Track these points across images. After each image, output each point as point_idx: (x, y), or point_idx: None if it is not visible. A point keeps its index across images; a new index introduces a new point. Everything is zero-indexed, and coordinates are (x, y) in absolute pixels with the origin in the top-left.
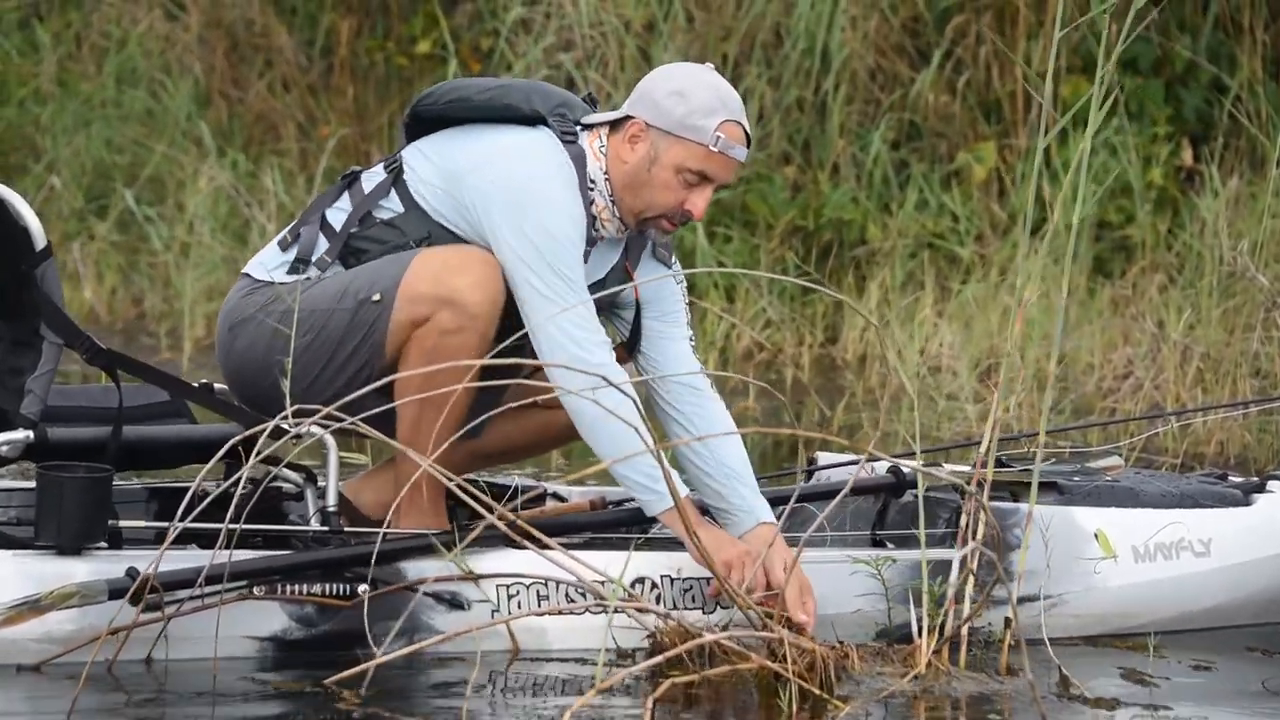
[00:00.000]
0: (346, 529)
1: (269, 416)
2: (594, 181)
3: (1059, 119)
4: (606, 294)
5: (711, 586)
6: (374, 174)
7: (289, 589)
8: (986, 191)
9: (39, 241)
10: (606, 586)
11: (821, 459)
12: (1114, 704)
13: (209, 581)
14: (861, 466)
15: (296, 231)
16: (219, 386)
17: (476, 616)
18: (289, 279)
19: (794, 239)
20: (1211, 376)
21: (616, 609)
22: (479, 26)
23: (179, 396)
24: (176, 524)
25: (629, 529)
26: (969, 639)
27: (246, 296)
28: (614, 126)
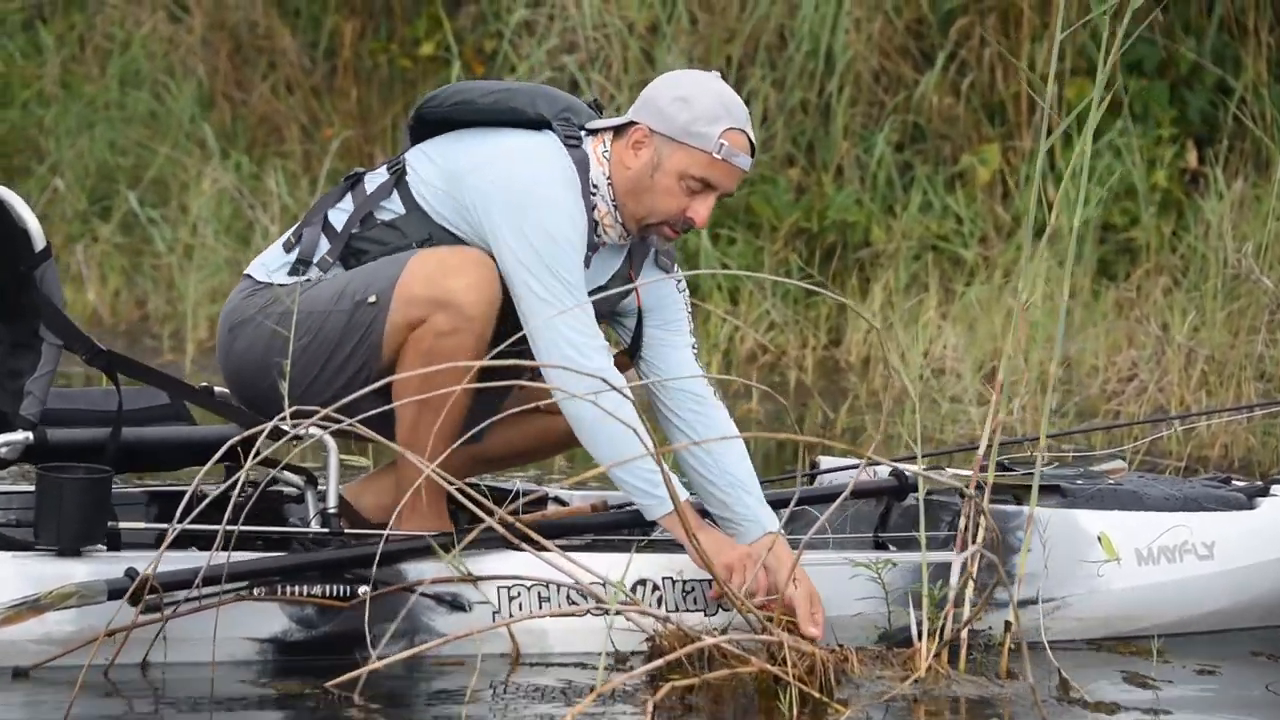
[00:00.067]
0: (346, 531)
1: (268, 418)
2: (596, 186)
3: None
4: (607, 295)
5: (713, 590)
6: (377, 175)
7: (288, 591)
8: (990, 194)
9: (38, 242)
10: (606, 589)
11: (823, 463)
12: (1114, 708)
13: (209, 583)
14: (861, 470)
15: (299, 232)
16: (219, 389)
17: (477, 619)
18: (289, 280)
19: (798, 241)
20: (1216, 379)
21: (615, 612)
22: (482, 28)
23: (179, 398)
24: (175, 525)
25: (631, 531)
26: (970, 642)
27: (247, 298)
28: (618, 132)
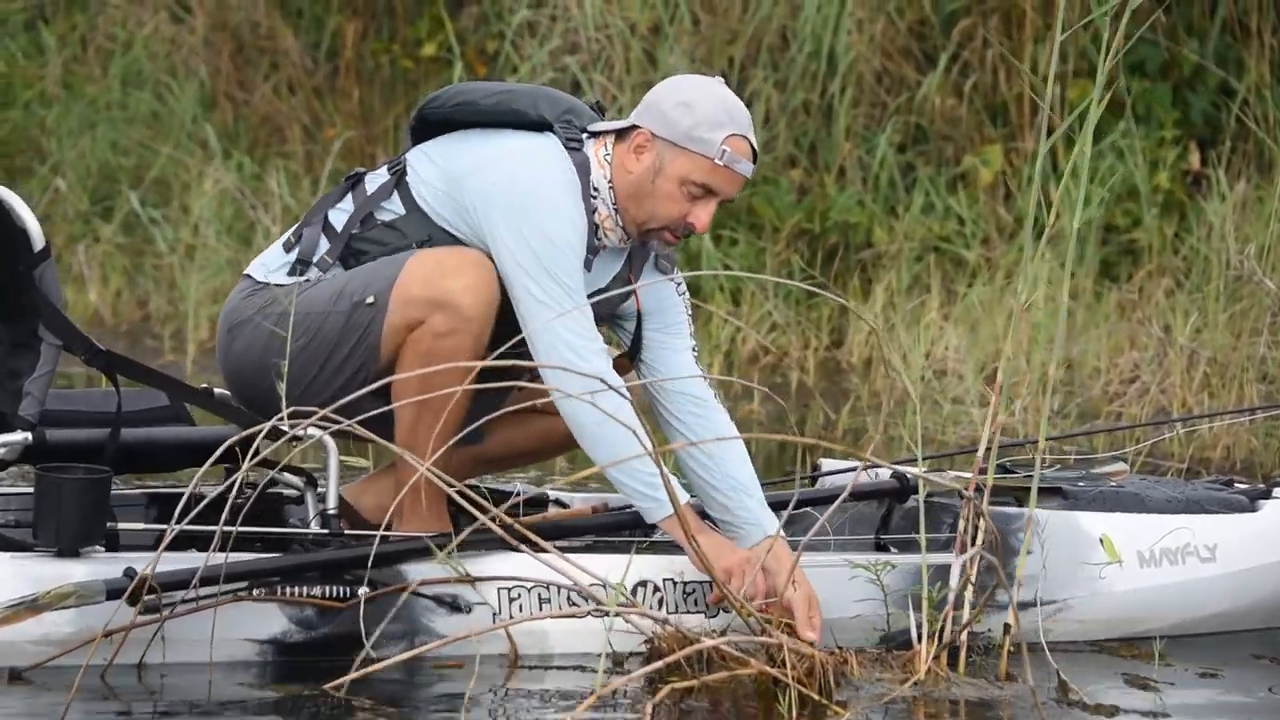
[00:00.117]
0: (346, 532)
1: (267, 419)
2: (597, 190)
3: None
4: (607, 297)
5: (713, 594)
6: (378, 175)
7: (286, 592)
8: (993, 195)
9: (37, 242)
10: (606, 591)
11: (825, 466)
12: (1114, 710)
13: (207, 584)
14: (860, 472)
15: (300, 232)
16: (219, 390)
17: (477, 620)
18: (289, 280)
19: (800, 242)
20: (1218, 381)
21: (615, 614)
22: (484, 29)
23: (178, 399)
24: (173, 526)
25: (631, 533)
26: (970, 644)
27: (246, 298)
28: (620, 135)
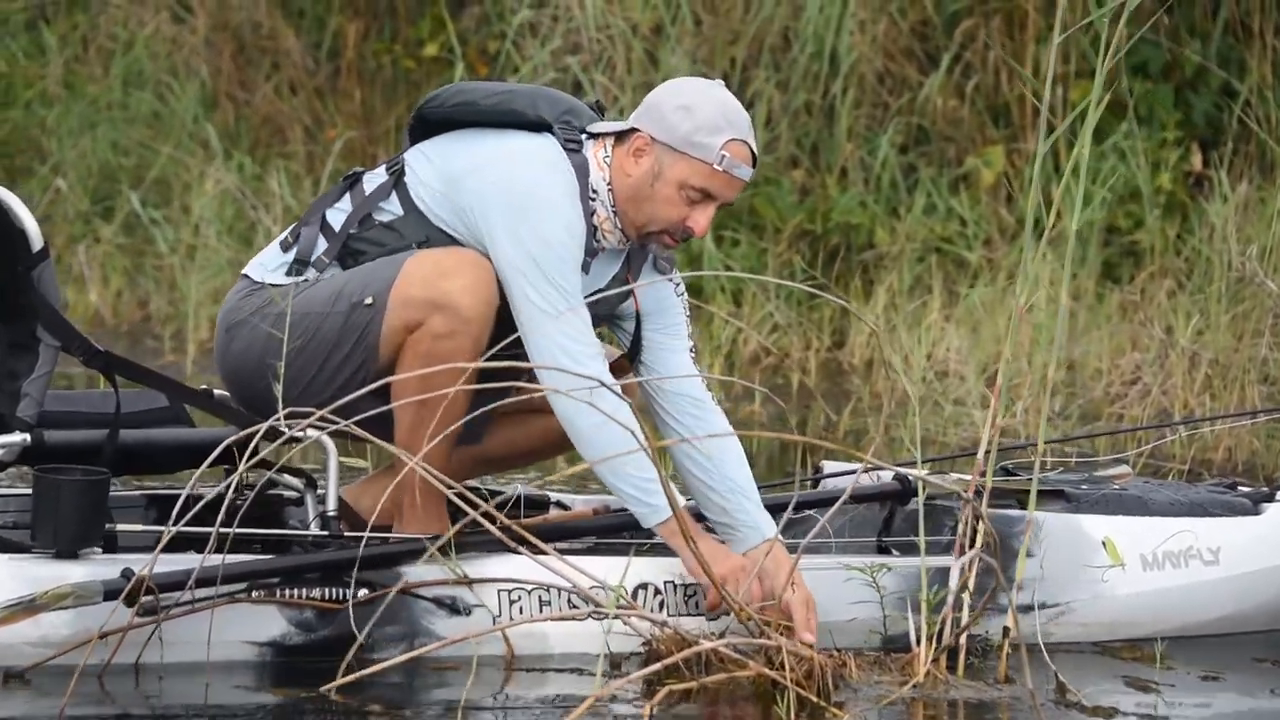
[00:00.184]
0: (346, 534)
1: (266, 420)
2: (596, 192)
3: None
4: (605, 297)
5: (710, 599)
6: (376, 175)
7: (282, 593)
8: (995, 196)
9: (36, 243)
10: (605, 593)
11: (827, 468)
12: (1112, 712)
13: (204, 585)
14: (859, 474)
15: (297, 232)
16: (219, 392)
17: (476, 623)
18: (286, 280)
19: (802, 243)
20: (1220, 383)
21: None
22: (486, 29)
23: (177, 400)
24: (170, 527)
25: (632, 535)
26: (969, 647)
27: (244, 298)
28: (619, 137)
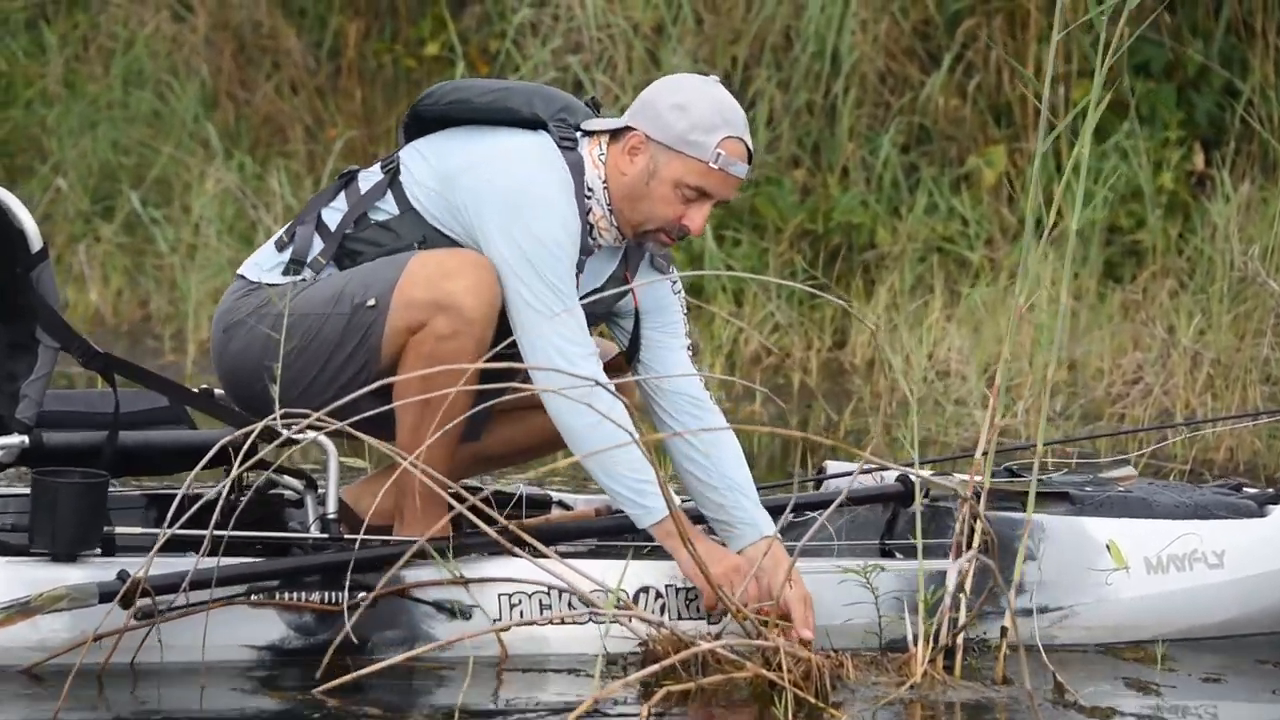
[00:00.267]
0: (346, 536)
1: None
2: (591, 190)
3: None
4: (602, 296)
5: (706, 599)
6: (371, 174)
7: (280, 595)
8: (996, 195)
9: (35, 244)
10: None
11: (830, 468)
12: (1110, 713)
13: (199, 587)
14: (857, 473)
15: (292, 231)
16: (219, 392)
17: (477, 626)
18: (283, 280)
19: (803, 242)
20: (1222, 382)
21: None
22: (487, 29)
23: (176, 401)
24: (165, 529)
25: (635, 536)
26: (969, 648)
27: (240, 299)
28: (614, 135)
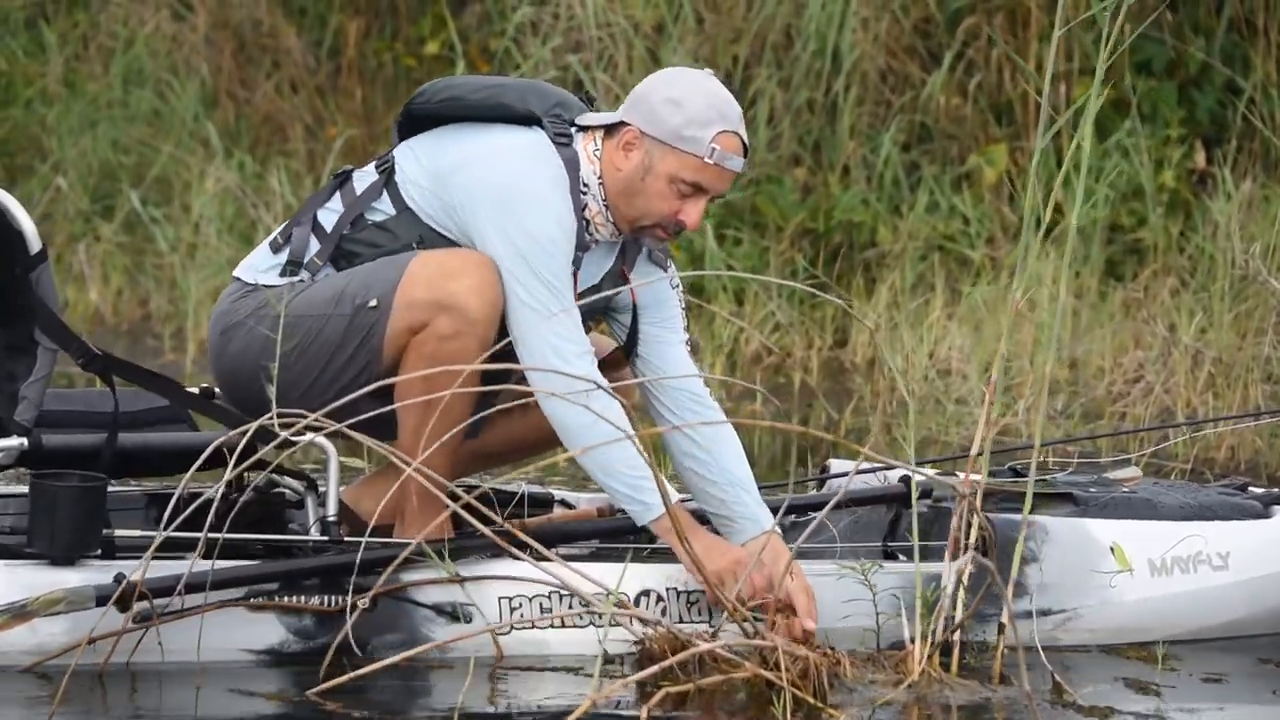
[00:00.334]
0: (346, 538)
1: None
2: (587, 186)
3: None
4: (601, 297)
5: (709, 595)
6: (366, 173)
7: (278, 598)
8: (997, 194)
9: (34, 245)
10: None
11: (833, 467)
12: (1108, 713)
13: (194, 590)
14: (854, 471)
15: (288, 232)
16: (219, 392)
17: (475, 628)
18: (280, 282)
19: (804, 241)
20: (1223, 381)
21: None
22: (487, 27)
23: (175, 402)
24: (161, 532)
25: (637, 537)
26: (971, 649)
27: (238, 300)
28: (609, 130)
